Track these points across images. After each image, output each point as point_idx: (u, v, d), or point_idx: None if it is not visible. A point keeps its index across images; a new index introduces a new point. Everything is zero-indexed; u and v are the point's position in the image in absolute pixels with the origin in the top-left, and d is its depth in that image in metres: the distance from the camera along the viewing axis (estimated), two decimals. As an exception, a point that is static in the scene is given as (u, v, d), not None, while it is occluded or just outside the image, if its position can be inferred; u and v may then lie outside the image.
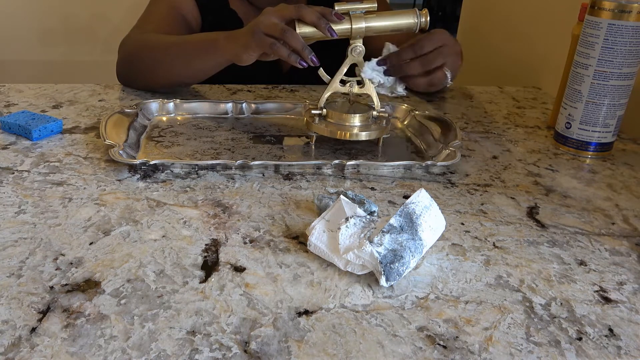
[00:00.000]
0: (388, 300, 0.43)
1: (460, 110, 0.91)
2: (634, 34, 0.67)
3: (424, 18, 0.70)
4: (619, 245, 0.53)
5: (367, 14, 0.70)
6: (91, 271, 0.45)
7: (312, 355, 0.37)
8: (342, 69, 0.72)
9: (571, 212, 0.59)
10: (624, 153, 0.77)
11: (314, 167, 0.65)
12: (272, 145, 0.73)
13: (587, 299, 0.45)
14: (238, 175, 0.63)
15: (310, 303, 0.42)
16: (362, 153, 0.72)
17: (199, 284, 0.44)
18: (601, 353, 0.39)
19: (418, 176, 0.65)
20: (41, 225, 0.51)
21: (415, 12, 0.70)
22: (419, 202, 0.48)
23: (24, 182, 0.59)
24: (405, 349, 0.38)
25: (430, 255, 0.49)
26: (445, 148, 0.70)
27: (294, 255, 0.48)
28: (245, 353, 0.37)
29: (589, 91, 0.71)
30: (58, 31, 1.97)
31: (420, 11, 0.70)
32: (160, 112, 0.81)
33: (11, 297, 0.41)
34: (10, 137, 0.71)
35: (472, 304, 0.43)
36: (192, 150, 0.70)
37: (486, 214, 0.57)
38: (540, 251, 0.51)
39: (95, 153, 0.67)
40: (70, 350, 0.37)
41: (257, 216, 0.54)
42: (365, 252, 0.44)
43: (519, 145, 0.77)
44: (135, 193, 0.58)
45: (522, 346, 0.39)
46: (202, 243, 0.49)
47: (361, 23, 0.69)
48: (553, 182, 0.66)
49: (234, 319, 0.40)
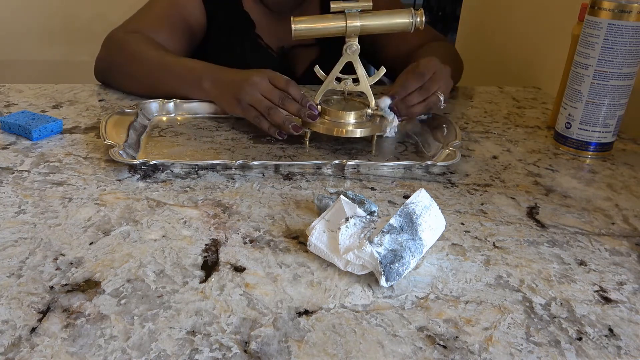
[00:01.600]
0: (388, 300, 0.43)
1: (460, 110, 0.91)
2: (634, 34, 0.67)
3: (419, 18, 0.70)
4: (619, 245, 0.53)
5: (362, 13, 0.70)
6: (91, 271, 0.45)
7: (312, 355, 0.37)
8: (338, 67, 0.72)
9: (571, 212, 0.59)
10: (624, 153, 0.77)
11: (314, 167, 0.65)
12: (272, 145, 0.73)
13: (587, 299, 0.45)
14: (238, 175, 0.63)
15: (310, 303, 0.42)
16: (362, 153, 0.72)
17: (199, 284, 0.44)
18: (601, 353, 0.39)
19: (418, 176, 0.65)
20: (41, 225, 0.51)
21: (410, 11, 0.70)
22: (419, 202, 0.48)
23: (24, 182, 0.59)
24: (405, 349, 0.38)
25: (430, 255, 0.49)
26: (445, 148, 0.70)
27: (294, 255, 0.48)
28: (245, 353, 0.37)
29: (589, 91, 0.71)
30: (58, 31, 1.97)
31: (416, 11, 0.70)
32: (160, 112, 0.81)
33: (11, 297, 0.41)
34: (10, 137, 0.71)
35: (472, 304, 0.43)
36: (192, 150, 0.70)
37: (486, 214, 0.57)
38: (540, 251, 0.51)
39: (95, 153, 0.67)
40: (70, 350, 0.37)
41: (257, 216, 0.54)
42: (365, 252, 0.44)
43: (519, 145, 0.77)
44: (135, 193, 0.58)
45: (522, 346, 0.39)
46: (202, 243, 0.49)
47: (356, 22, 0.69)
48: (553, 182, 0.66)
49: (234, 319, 0.40)
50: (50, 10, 1.93)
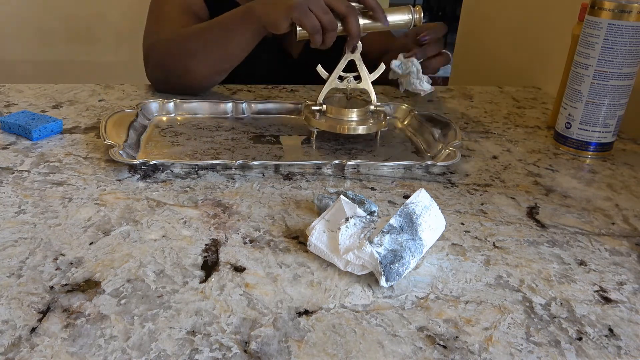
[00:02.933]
0: (388, 300, 0.43)
1: (460, 110, 0.91)
2: (634, 34, 0.67)
3: (417, 15, 0.72)
4: (619, 245, 0.53)
5: (363, 12, 0.72)
6: (91, 271, 0.45)
7: (312, 355, 0.37)
8: (340, 65, 0.73)
9: (571, 212, 0.59)
10: (624, 153, 0.77)
11: (314, 167, 0.65)
12: (272, 145, 0.73)
13: (587, 299, 0.45)
14: (238, 175, 0.63)
15: (310, 303, 0.42)
16: (362, 153, 0.72)
17: (199, 284, 0.44)
18: (601, 353, 0.39)
19: (418, 176, 0.65)
20: (41, 225, 0.51)
21: (409, 8, 0.72)
22: (419, 202, 0.48)
23: (24, 182, 0.59)
24: (405, 349, 0.38)
25: (430, 255, 0.49)
26: (445, 148, 0.70)
27: (294, 255, 0.48)
28: (245, 353, 0.37)
29: (589, 91, 0.71)
30: (58, 31, 1.97)
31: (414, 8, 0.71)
32: (160, 112, 0.81)
33: (11, 297, 0.41)
34: (10, 137, 0.71)
35: (472, 304, 0.43)
36: (192, 150, 0.70)
37: (486, 214, 0.57)
38: (540, 251, 0.51)
39: (95, 153, 0.67)
40: (70, 350, 0.37)
41: (257, 216, 0.54)
42: (365, 252, 0.44)
43: (519, 145, 0.77)
44: (135, 193, 0.58)
45: (522, 346, 0.39)
46: (202, 243, 0.49)
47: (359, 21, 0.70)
48: (553, 182, 0.66)
49: (234, 319, 0.40)
50: (50, 11, 1.93)
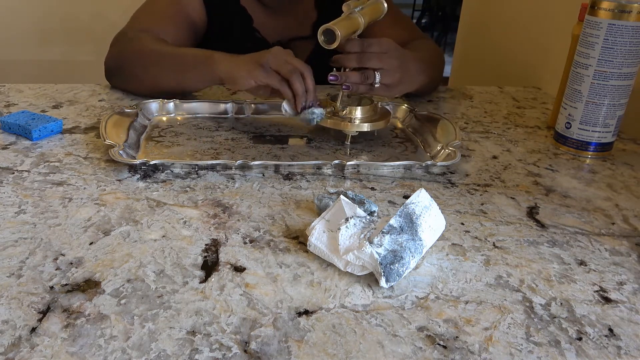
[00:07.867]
0: (388, 300, 0.43)
1: (460, 110, 0.91)
2: (634, 34, 0.67)
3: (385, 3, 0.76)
4: (619, 245, 0.53)
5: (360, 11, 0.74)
6: (91, 271, 0.45)
7: (312, 355, 0.37)
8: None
9: (571, 212, 0.59)
10: (624, 153, 0.77)
11: (314, 167, 0.65)
12: (272, 145, 0.73)
13: (587, 299, 0.45)
14: (238, 175, 0.63)
15: (310, 303, 0.42)
16: (362, 153, 0.72)
17: (199, 284, 0.44)
18: (601, 353, 0.39)
19: (418, 176, 0.65)
20: (41, 225, 0.51)
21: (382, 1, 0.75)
22: (419, 202, 0.48)
23: (24, 182, 0.59)
24: (405, 349, 0.38)
25: (430, 255, 0.49)
26: (445, 148, 0.70)
27: (294, 255, 0.48)
28: (245, 353, 0.37)
29: (589, 91, 0.71)
30: (58, 31, 1.97)
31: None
32: (160, 112, 0.81)
33: (11, 297, 0.41)
34: (10, 137, 0.71)
35: (472, 304, 0.43)
36: (192, 150, 0.70)
37: (486, 214, 0.57)
38: (540, 251, 0.51)
39: (95, 153, 0.67)
40: (70, 350, 0.37)
41: (257, 216, 0.54)
42: (365, 253, 0.44)
43: (519, 145, 0.77)
44: (135, 193, 0.58)
45: (522, 346, 0.39)
46: (202, 243, 0.49)
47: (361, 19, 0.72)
48: (553, 182, 0.66)
49: (234, 319, 0.40)
50: (50, 11, 1.93)
